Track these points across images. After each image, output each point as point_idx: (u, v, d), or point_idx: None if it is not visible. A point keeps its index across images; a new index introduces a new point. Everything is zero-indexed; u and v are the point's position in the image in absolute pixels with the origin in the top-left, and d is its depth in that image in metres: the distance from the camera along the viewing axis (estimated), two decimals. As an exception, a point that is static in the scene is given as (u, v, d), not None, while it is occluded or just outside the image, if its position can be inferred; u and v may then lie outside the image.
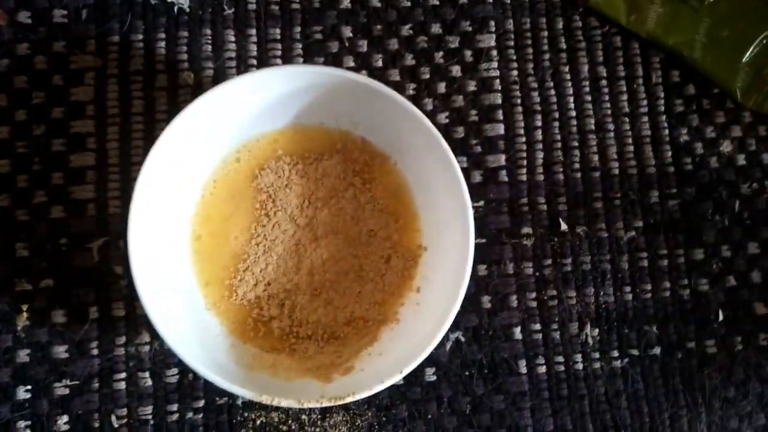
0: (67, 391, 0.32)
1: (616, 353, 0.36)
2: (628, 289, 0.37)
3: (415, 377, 0.34)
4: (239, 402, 0.33)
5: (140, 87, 0.34)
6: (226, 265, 0.31)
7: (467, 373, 0.35)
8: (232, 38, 0.35)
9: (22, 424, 0.31)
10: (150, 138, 0.34)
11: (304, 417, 0.33)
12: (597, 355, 0.36)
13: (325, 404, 0.27)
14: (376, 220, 0.33)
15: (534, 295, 0.36)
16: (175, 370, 0.32)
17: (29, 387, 0.32)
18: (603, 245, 0.37)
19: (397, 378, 0.27)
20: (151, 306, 0.26)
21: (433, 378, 0.35)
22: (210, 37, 0.35)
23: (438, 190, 0.31)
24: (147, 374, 0.32)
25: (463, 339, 0.35)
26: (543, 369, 0.36)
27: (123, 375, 0.32)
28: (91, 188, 0.33)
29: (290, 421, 0.33)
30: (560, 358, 0.36)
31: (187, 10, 0.35)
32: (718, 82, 0.39)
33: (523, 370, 0.35)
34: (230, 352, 0.30)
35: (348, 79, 0.29)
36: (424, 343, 0.28)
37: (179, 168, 0.30)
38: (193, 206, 0.31)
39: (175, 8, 0.35)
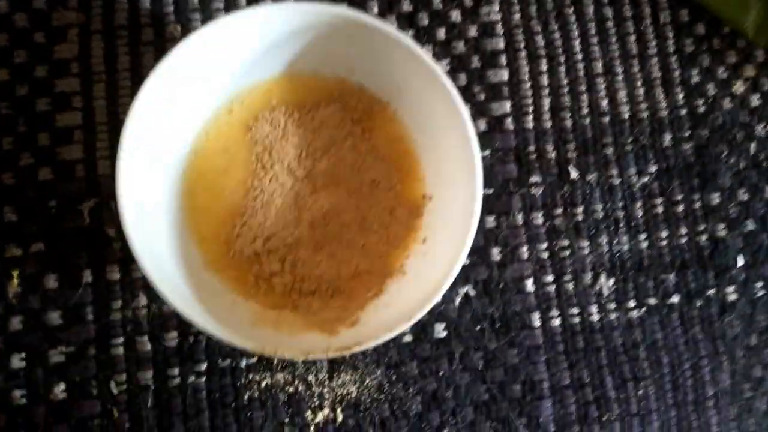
0: (62, 358, 0.30)
1: (632, 303, 0.35)
2: (643, 236, 0.35)
3: (424, 334, 0.33)
4: (243, 364, 0.31)
5: (126, 42, 0.33)
6: (223, 221, 0.30)
7: (478, 328, 0.33)
8: (220, -12, 0.34)
9: (17, 393, 0.30)
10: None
11: (311, 377, 0.32)
12: (613, 305, 0.35)
13: (332, 355, 0.25)
14: (378, 170, 0.31)
15: (545, 245, 0.35)
16: (174, 333, 0.31)
17: (23, 355, 0.30)
18: (615, 192, 0.36)
19: (405, 326, 0.26)
20: (149, 266, 0.25)
21: (443, 334, 0.33)
22: (197, -12, 0.34)
23: (442, 135, 0.29)
24: (145, 338, 0.31)
25: (473, 293, 0.34)
26: (557, 322, 0.34)
27: (121, 340, 0.31)
28: (79, 148, 0.32)
29: (296, 382, 0.32)
30: (575, 310, 0.34)
31: (172, -40, 0.34)
32: (729, 20, 0.37)
33: (537, 323, 0.34)
34: (231, 310, 0.29)
35: (343, 17, 0.27)
36: (431, 294, 0.27)
37: (168, 120, 0.28)
38: (186, 161, 0.30)
39: (160, -41, 0.33)
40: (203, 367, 0.31)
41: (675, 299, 0.35)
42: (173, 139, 0.29)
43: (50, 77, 0.32)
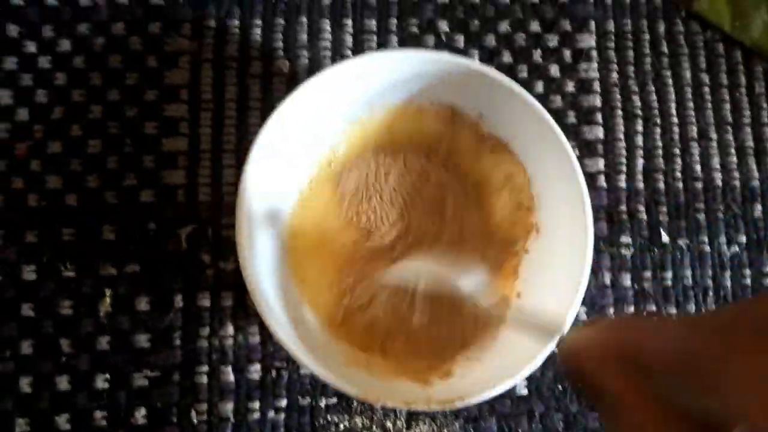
0: (146, 382, 0.30)
1: (717, 375, 0.34)
2: None
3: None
4: (323, 404, 0.31)
5: (235, 73, 0.33)
6: (327, 270, 0.30)
7: (560, 388, 0.33)
8: (328, 27, 0.35)
9: (98, 414, 0.30)
10: (243, 125, 0.33)
11: (389, 424, 0.31)
12: (697, 376, 0.34)
13: (434, 408, 0.25)
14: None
15: (632, 308, 0.34)
16: (258, 366, 0.31)
17: (108, 376, 0.30)
18: (705, 259, 0.35)
19: (509, 383, 0.25)
20: (259, 296, 0.25)
21: (525, 392, 0.32)
22: (306, 26, 0.34)
23: (552, 195, 0.30)
24: (229, 369, 0.31)
25: (556, 351, 0.33)
26: (639, 388, 0.33)
27: (205, 368, 0.31)
28: (182, 173, 0.32)
29: (374, 427, 0.31)
30: (658, 377, 0.33)
31: (285, -3, 0.34)
32: (825, 94, 0.37)
33: (619, 387, 0.33)
34: (325, 349, 0.28)
35: (465, 68, 0.27)
36: (527, 351, 0.26)
37: (280, 162, 0.28)
38: (293, 202, 0.30)
39: (273, -5, 0.34)
40: (283, 403, 0.31)
41: (761, 375, 0.34)
42: (286, 179, 0.29)
43: (159, 101, 0.33)
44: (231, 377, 0.31)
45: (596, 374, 0.16)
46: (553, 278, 0.28)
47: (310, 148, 0.30)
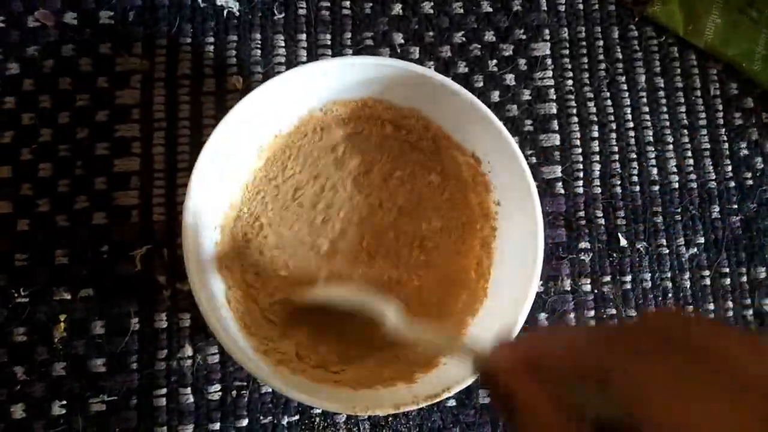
0: (104, 407, 0.30)
1: (679, 377, 0.34)
2: (690, 308, 0.35)
3: (468, 398, 0.32)
4: (285, 422, 0.31)
5: (187, 91, 0.33)
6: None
7: (523, 396, 0.33)
8: (282, 43, 0.34)
9: (56, 441, 0.29)
10: (197, 143, 0.33)
11: (352, 439, 0.31)
12: (659, 378, 0.34)
13: (422, 404, 0.25)
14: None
15: (593, 313, 0.34)
16: (217, 387, 0.31)
17: (64, 402, 0.30)
18: (664, 262, 0.35)
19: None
20: (214, 318, 0.25)
21: (487, 400, 0.32)
22: (259, 42, 0.34)
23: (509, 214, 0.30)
24: (188, 390, 0.30)
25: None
26: (602, 392, 0.33)
27: (164, 391, 0.30)
28: (135, 194, 0.32)
29: (338, 443, 0.31)
30: (620, 381, 0.34)
31: (237, 14, 0.34)
32: (778, 95, 0.38)
33: (582, 393, 0.33)
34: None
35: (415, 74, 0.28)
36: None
37: (223, 171, 0.28)
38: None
39: (225, 12, 0.34)
40: (244, 423, 0.31)
41: (722, 375, 0.34)
42: (224, 192, 0.29)
43: (111, 122, 0.32)
44: (190, 399, 0.30)
45: (507, 382, 0.17)
46: (510, 277, 0.29)
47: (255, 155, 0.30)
